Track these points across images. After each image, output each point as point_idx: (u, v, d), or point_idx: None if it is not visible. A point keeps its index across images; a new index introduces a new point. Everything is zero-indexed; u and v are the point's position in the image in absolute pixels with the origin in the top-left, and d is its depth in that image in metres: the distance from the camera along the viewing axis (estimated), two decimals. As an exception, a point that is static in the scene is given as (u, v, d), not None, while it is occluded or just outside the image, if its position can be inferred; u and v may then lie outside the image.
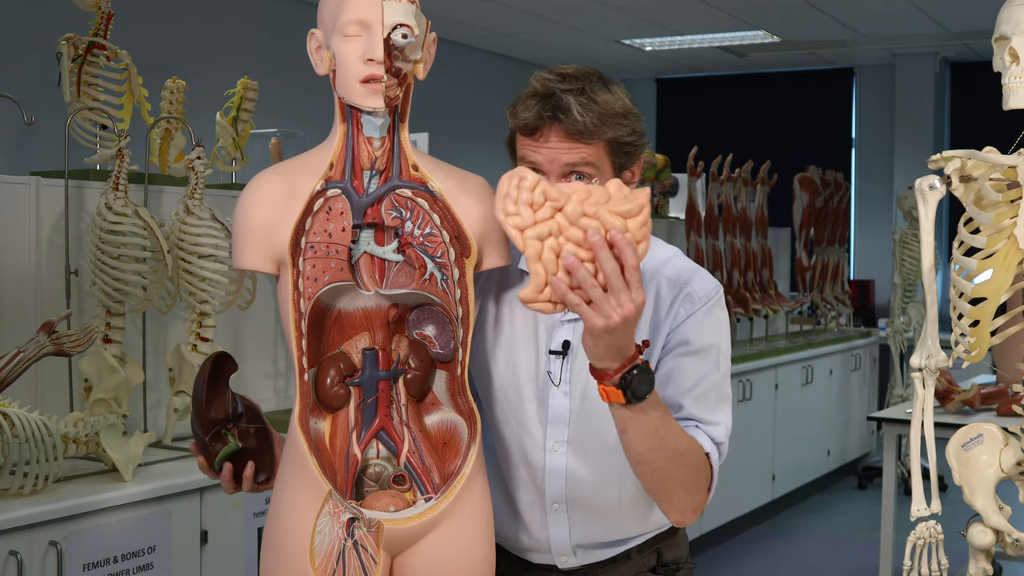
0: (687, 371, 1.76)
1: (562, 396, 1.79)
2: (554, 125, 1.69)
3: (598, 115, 1.69)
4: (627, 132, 1.73)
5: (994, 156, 1.76)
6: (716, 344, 1.78)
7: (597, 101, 1.70)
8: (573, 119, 1.68)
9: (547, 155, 1.71)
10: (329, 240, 1.66)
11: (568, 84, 1.70)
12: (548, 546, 1.85)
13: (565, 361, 1.79)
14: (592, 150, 1.70)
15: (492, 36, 8.07)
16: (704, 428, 1.75)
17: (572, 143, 1.70)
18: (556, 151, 1.70)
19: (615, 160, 1.73)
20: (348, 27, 1.62)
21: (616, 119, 1.71)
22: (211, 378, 1.77)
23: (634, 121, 1.74)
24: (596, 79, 1.74)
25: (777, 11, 7.31)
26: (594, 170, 1.70)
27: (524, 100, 1.72)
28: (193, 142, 3.12)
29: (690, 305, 1.78)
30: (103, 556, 2.54)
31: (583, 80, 1.72)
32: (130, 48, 3.17)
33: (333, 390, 1.68)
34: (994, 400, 4.14)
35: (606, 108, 1.70)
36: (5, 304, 2.90)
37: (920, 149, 8.59)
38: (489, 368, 1.84)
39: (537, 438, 1.82)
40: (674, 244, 1.88)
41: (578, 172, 1.70)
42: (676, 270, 1.81)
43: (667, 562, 1.90)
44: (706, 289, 1.79)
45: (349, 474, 1.67)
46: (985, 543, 1.83)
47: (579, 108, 1.68)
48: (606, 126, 1.70)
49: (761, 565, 5.23)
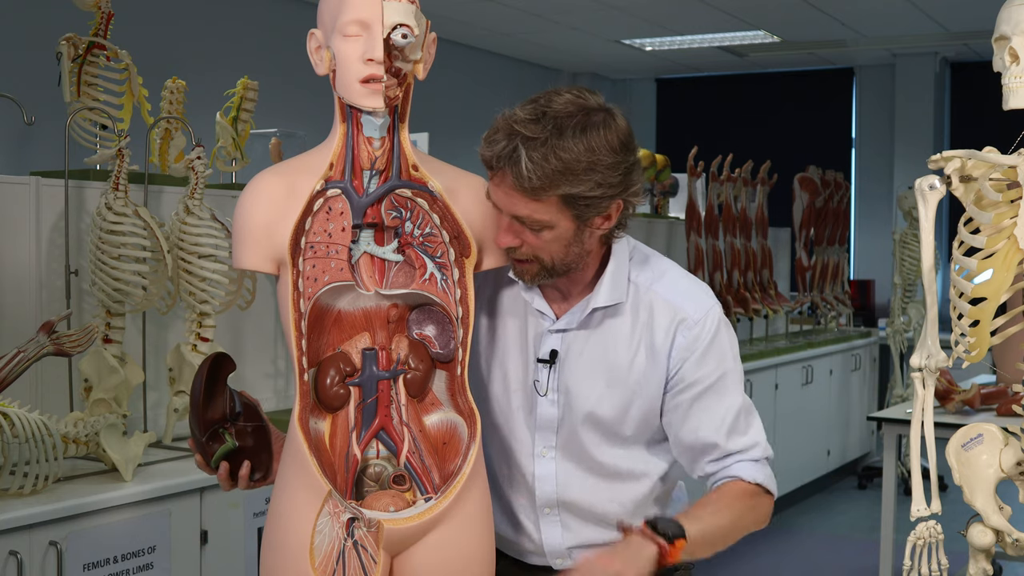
0: (710, 410, 1.78)
1: (548, 404, 1.80)
2: (507, 171, 1.62)
3: (550, 173, 1.59)
4: (589, 187, 1.62)
5: (994, 156, 1.76)
6: (725, 371, 1.79)
7: (559, 156, 1.59)
8: (519, 172, 1.60)
9: (500, 200, 1.67)
10: (329, 240, 1.66)
11: (533, 130, 1.60)
12: (543, 549, 1.85)
13: (552, 370, 1.79)
14: (541, 206, 1.63)
15: (492, 36, 8.07)
16: (743, 457, 1.79)
17: (520, 196, 1.63)
18: (504, 200, 1.66)
19: (574, 213, 1.65)
20: (348, 27, 1.62)
21: (574, 176, 1.61)
22: (209, 379, 1.77)
23: (603, 174, 1.62)
24: (574, 125, 1.61)
25: (777, 11, 7.31)
26: (541, 224, 1.65)
27: (492, 133, 1.65)
28: (193, 142, 3.12)
29: (687, 332, 1.76)
30: (103, 556, 2.54)
31: (557, 126, 1.60)
32: (130, 48, 3.17)
33: (333, 390, 1.68)
34: (994, 400, 4.14)
35: (565, 164, 1.60)
36: (5, 304, 2.90)
37: (920, 149, 8.58)
38: (482, 375, 1.85)
39: (526, 444, 1.82)
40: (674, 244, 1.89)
41: (526, 225, 1.66)
42: (672, 292, 1.79)
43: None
44: (701, 312, 1.78)
45: (349, 474, 1.67)
46: (985, 543, 1.83)
47: (528, 164, 1.59)
48: (558, 184, 1.60)
49: (761, 565, 5.23)
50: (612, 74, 9.85)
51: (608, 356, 1.78)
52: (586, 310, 1.78)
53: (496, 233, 1.71)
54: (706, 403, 1.78)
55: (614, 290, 1.77)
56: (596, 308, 1.77)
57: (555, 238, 1.68)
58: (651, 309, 1.78)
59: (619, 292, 1.78)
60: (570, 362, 1.79)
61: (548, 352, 1.79)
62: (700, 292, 1.81)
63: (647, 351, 1.77)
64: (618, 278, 1.78)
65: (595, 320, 1.79)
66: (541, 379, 1.79)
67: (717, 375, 1.78)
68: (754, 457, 1.80)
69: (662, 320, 1.77)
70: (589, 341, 1.79)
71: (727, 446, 1.78)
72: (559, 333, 1.79)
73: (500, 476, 1.86)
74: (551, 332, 1.80)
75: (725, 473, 1.79)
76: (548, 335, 1.80)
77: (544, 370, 1.79)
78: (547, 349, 1.79)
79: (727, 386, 1.79)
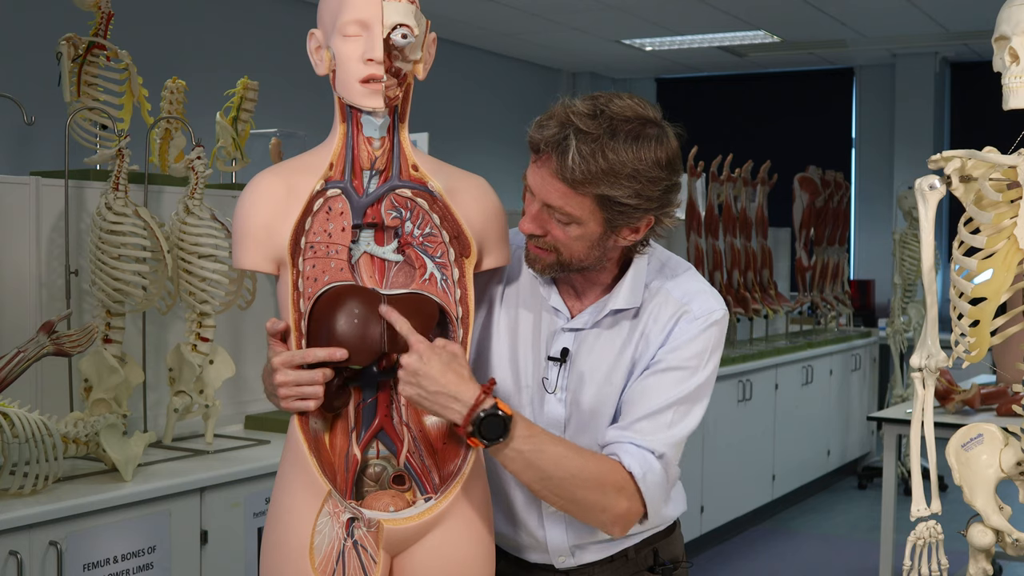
0: (656, 388, 1.73)
1: (556, 403, 1.79)
2: (552, 156, 1.62)
3: (595, 170, 1.59)
4: (628, 194, 1.61)
5: (994, 156, 1.76)
6: (696, 366, 1.74)
7: (606, 156, 1.59)
8: (564, 162, 1.60)
9: (536, 184, 1.66)
10: (329, 240, 1.66)
11: (588, 125, 1.60)
12: (545, 546, 1.85)
13: (562, 368, 1.79)
14: (576, 199, 1.62)
15: (492, 36, 8.07)
16: (640, 440, 1.69)
17: (559, 184, 1.62)
18: (541, 185, 1.64)
19: (605, 216, 1.65)
20: (348, 27, 1.62)
21: (616, 179, 1.60)
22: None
23: (645, 187, 1.61)
24: (629, 131, 1.61)
25: (777, 11, 7.31)
26: (571, 219, 1.64)
27: (545, 118, 1.64)
28: (193, 142, 3.12)
29: (686, 325, 1.76)
30: (103, 556, 2.54)
31: (612, 127, 1.60)
32: (130, 48, 3.17)
33: (333, 390, 1.68)
34: (994, 400, 4.14)
35: (609, 166, 1.59)
36: (5, 304, 2.90)
37: (920, 149, 8.58)
38: (493, 370, 1.84)
39: None
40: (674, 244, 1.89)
41: (555, 216, 1.65)
42: (682, 291, 1.79)
43: (664, 561, 1.90)
44: (705, 311, 1.77)
45: (349, 474, 1.67)
46: (985, 543, 1.83)
47: (576, 155, 1.59)
48: (599, 183, 1.60)
49: (761, 565, 5.23)
50: (612, 74, 9.84)
51: (616, 356, 1.78)
52: (603, 311, 1.77)
53: (522, 218, 1.69)
54: (660, 379, 1.73)
55: (633, 294, 1.77)
56: (614, 310, 1.77)
57: (580, 236, 1.67)
58: (658, 305, 1.78)
59: (637, 296, 1.78)
60: (580, 361, 1.79)
61: (560, 350, 1.79)
62: (709, 295, 1.80)
63: (643, 343, 1.77)
64: (637, 283, 1.78)
65: (608, 321, 1.79)
66: (551, 376, 1.79)
67: (690, 364, 1.74)
68: (648, 446, 1.68)
69: (665, 313, 1.77)
70: (600, 341, 1.78)
71: (638, 424, 1.70)
72: (572, 332, 1.79)
73: (503, 473, 1.86)
74: (564, 330, 1.79)
75: (613, 448, 1.70)
76: (561, 333, 1.79)
77: (554, 368, 1.79)
78: (559, 347, 1.79)
79: (690, 377, 1.73)
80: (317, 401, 1.64)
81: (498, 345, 1.83)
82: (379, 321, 1.64)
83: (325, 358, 1.63)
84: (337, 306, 1.64)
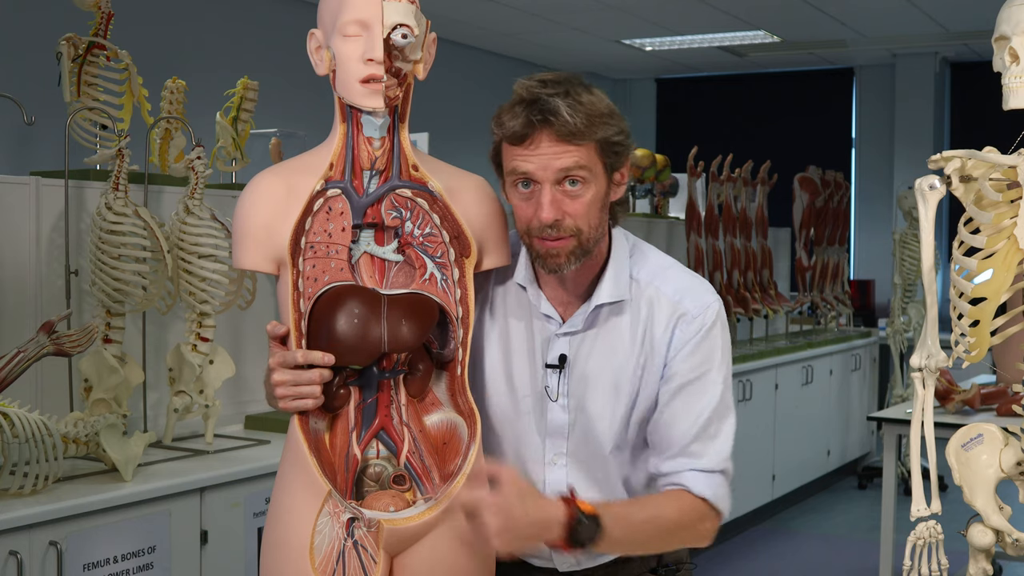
0: (687, 406, 1.76)
1: (560, 410, 1.79)
2: (544, 130, 1.65)
3: (586, 115, 1.65)
4: (615, 132, 1.70)
5: (994, 156, 1.76)
6: (711, 368, 1.76)
7: (583, 102, 1.66)
8: (563, 120, 1.64)
9: (539, 162, 1.66)
10: (329, 240, 1.66)
11: (552, 88, 1.67)
12: (550, 554, 1.84)
13: (562, 375, 1.78)
14: (584, 152, 1.66)
15: (492, 36, 8.07)
16: (698, 466, 1.75)
17: (564, 146, 1.65)
18: (548, 157, 1.65)
19: (606, 161, 1.70)
20: (348, 27, 1.63)
21: (603, 119, 1.68)
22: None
23: (619, 121, 1.71)
24: (577, 83, 1.71)
25: (777, 11, 7.31)
26: (588, 173, 1.67)
27: (510, 109, 1.68)
28: (193, 142, 3.12)
29: (686, 327, 1.76)
30: (103, 556, 2.54)
31: (566, 84, 1.68)
32: (130, 48, 3.17)
33: (333, 390, 1.68)
34: (994, 400, 4.14)
35: (592, 109, 1.66)
36: (5, 304, 2.90)
37: (920, 149, 8.58)
38: (486, 383, 1.82)
39: (536, 451, 1.81)
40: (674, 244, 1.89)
41: (572, 178, 1.66)
42: (673, 287, 1.79)
43: (667, 563, 1.90)
44: (700, 307, 1.77)
45: (349, 474, 1.67)
46: (985, 543, 1.83)
47: (568, 109, 1.64)
48: (595, 126, 1.66)
49: (761, 565, 5.23)
50: (612, 74, 9.85)
51: (614, 358, 1.77)
52: (591, 309, 1.77)
53: (536, 211, 1.67)
54: (685, 398, 1.76)
55: (617, 286, 1.77)
56: (600, 304, 1.76)
57: (593, 199, 1.69)
58: (651, 305, 1.78)
59: (622, 289, 1.77)
60: (579, 366, 1.78)
61: (557, 357, 1.78)
62: (701, 288, 1.81)
63: (648, 347, 1.77)
64: (620, 274, 1.78)
65: (600, 320, 1.78)
66: (551, 384, 1.78)
67: (702, 370, 1.76)
68: (709, 468, 1.75)
69: (662, 315, 1.77)
70: (596, 343, 1.78)
71: (689, 447, 1.75)
72: (567, 336, 1.78)
73: None
74: (559, 336, 1.78)
75: (675, 479, 1.75)
76: (556, 339, 1.78)
77: (554, 375, 1.78)
78: (556, 354, 1.78)
79: (709, 383, 1.76)
80: (315, 401, 1.64)
81: (490, 358, 1.82)
82: (379, 321, 1.64)
83: (319, 361, 1.63)
84: (337, 306, 1.64)
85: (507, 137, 1.68)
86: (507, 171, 1.70)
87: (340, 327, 1.63)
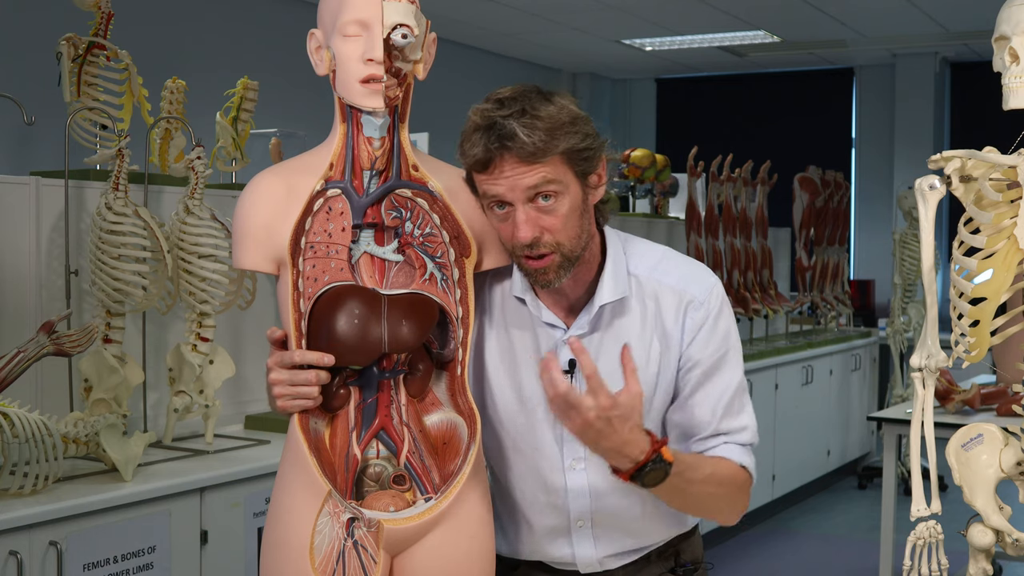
0: (710, 389, 1.79)
1: None
2: (504, 154, 1.62)
3: (546, 131, 1.61)
4: (579, 139, 1.65)
5: (994, 156, 1.76)
6: (728, 348, 1.80)
7: (541, 117, 1.61)
8: (521, 143, 1.60)
9: (506, 185, 1.63)
10: (329, 240, 1.67)
11: (507, 109, 1.62)
12: (573, 561, 1.84)
13: (572, 379, 1.76)
14: (550, 167, 1.63)
15: (492, 36, 8.07)
16: (733, 439, 1.80)
17: (527, 166, 1.62)
18: (513, 178, 1.63)
19: (576, 169, 1.66)
20: (348, 27, 1.63)
21: (564, 129, 1.63)
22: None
23: (584, 125, 1.66)
24: (535, 94, 1.66)
25: (777, 11, 7.31)
26: (558, 186, 1.64)
27: (469, 136, 1.65)
28: (193, 142, 3.12)
29: (695, 313, 1.77)
30: (103, 556, 2.54)
31: (522, 100, 1.63)
32: (130, 48, 3.17)
33: (333, 390, 1.68)
34: (994, 400, 4.14)
35: (552, 121, 1.62)
36: (5, 304, 2.90)
37: (920, 149, 8.58)
38: (493, 395, 1.81)
39: (554, 459, 1.79)
40: (674, 244, 1.90)
41: (543, 193, 1.63)
42: (674, 276, 1.80)
43: (685, 563, 1.91)
44: (705, 291, 1.79)
45: (349, 474, 1.67)
46: (985, 543, 1.83)
47: (524, 131, 1.60)
48: (557, 139, 1.62)
49: (761, 565, 5.23)
50: (612, 74, 9.84)
51: (638, 357, 1.76)
52: (594, 310, 1.76)
53: (513, 232, 1.66)
54: (711, 382, 1.79)
55: (617, 284, 1.76)
56: (603, 304, 1.76)
57: (570, 210, 1.66)
58: (657, 298, 1.78)
59: (622, 286, 1.77)
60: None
61: (567, 362, 1.76)
62: (700, 271, 1.83)
63: (661, 339, 1.77)
64: (618, 272, 1.77)
65: (605, 320, 1.77)
66: None
67: (721, 352, 1.79)
68: (742, 441, 1.81)
69: (670, 306, 1.78)
70: (603, 344, 1.77)
71: (719, 426, 1.79)
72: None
73: (523, 499, 1.83)
74: (565, 342, 1.76)
75: (713, 452, 1.79)
76: (563, 345, 1.77)
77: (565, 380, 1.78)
78: (564, 360, 1.76)
79: (728, 364, 1.80)
80: (313, 401, 1.64)
81: (495, 371, 1.81)
82: (379, 321, 1.65)
83: (316, 362, 1.63)
84: (337, 306, 1.64)
85: (471, 165, 1.66)
86: (480, 195, 1.69)
87: (340, 327, 1.63)
